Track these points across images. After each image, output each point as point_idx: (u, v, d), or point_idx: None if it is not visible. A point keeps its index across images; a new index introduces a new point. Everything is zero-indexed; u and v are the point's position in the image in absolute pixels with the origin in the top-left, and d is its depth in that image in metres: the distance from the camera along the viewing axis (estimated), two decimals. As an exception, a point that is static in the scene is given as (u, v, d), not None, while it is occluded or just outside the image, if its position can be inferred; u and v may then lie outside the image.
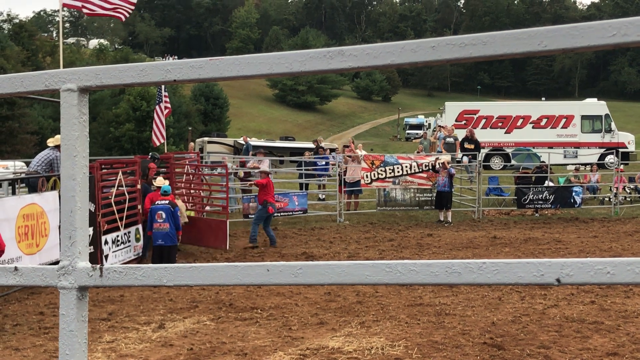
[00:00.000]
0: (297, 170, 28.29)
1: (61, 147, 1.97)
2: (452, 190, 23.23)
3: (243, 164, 26.82)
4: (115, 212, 15.46)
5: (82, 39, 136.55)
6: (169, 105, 25.10)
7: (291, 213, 22.98)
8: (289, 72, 1.82)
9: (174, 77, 1.85)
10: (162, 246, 14.74)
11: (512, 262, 1.64)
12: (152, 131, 24.71)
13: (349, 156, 25.12)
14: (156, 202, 15.15)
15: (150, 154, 19.38)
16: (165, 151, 28.18)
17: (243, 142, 38.42)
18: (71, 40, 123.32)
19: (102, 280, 1.89)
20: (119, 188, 15.76)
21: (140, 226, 16.61)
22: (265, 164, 25.79)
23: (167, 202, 15.12)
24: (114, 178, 15.81)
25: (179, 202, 16.98)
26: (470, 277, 1.67)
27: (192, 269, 1.87)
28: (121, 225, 15.68)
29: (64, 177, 1.92)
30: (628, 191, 26.50)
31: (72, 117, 1.91)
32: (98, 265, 1.89)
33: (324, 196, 26.71)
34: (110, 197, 15.32)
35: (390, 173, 24.09)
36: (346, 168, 24.27)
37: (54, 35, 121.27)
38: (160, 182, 16.09)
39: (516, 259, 1.65)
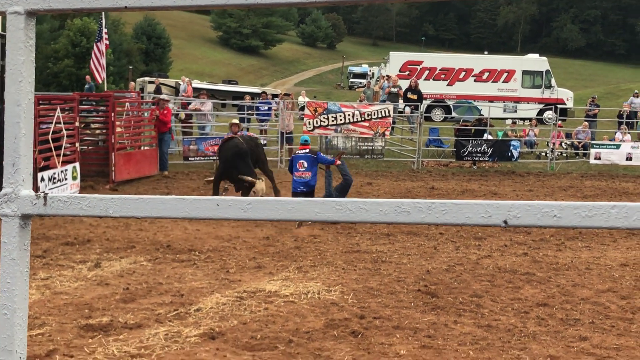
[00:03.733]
0: (239, 114, 28.08)
1: (6, 72, 1.90)
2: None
3: (185, 106, 26.52)
4: (53, 149, 15.23)
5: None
6: (107, 42, 24.73)
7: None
8: (245, 4, 1.78)
9: (126, 3, 1.80)
10: (304, 193, 14.30)
11: (461, 202, 1.65)
12: (89, 68, 24.31)
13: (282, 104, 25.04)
14: (297, 152, 15.21)
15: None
16: (105, 90, 27.69)
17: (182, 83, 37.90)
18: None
19: (46, 209, 1.85)
20: (57, 125, 15.48)
21: (77, 164, 16.39)
22: (207, 107, 25.56)
23: (307, 150, 14.91)
24: (52, 114, 15.51)
25: (261, 185, 15.30)
26: (419, 216, 1.67)
27: (139, 201, 1.84)
28: (58, 162, 15.46)
29: (8, 102, 1.86)
30: (564, 147, 27.02)
31: (18, 41, 1.84)
32: (42, 193, 1.85)
33: (265, 142, 26.61)
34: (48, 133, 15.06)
35: (332, 121, 24.07)
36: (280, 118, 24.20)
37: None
38: None
39: (465, 200, 1.66)
